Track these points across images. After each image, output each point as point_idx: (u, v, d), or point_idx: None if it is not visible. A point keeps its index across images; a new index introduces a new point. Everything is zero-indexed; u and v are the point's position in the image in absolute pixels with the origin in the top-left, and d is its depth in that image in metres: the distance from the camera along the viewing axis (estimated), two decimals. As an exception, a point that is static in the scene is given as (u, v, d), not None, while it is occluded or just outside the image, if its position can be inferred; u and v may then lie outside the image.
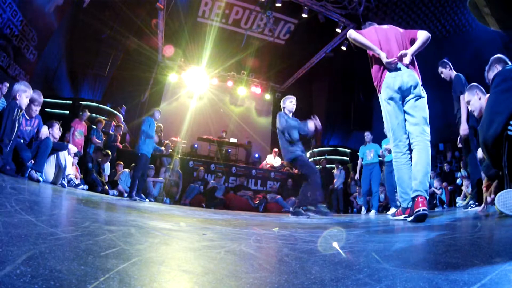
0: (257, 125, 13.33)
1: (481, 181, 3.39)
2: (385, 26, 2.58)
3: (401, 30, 2.53)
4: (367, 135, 6.22)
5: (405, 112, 2.35)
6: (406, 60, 2.30)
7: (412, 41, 2.40)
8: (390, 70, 2.34)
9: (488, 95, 2.19)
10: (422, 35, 2.36)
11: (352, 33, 2.47)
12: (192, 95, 12.08)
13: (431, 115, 2.34)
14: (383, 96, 2.40)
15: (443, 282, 0.58)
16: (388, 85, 2.33)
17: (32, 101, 3.65)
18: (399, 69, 2.31)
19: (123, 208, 2.47)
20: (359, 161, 6.36)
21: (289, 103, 4.29)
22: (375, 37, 2.46)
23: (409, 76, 2.29)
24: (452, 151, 9.76)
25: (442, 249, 0.98)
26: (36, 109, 3.79)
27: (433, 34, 9.96)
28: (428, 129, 2.28)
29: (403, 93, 2.32)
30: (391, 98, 2.34)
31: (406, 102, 2.34)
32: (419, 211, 1.96)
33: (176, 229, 1.39)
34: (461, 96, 3.64)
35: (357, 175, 6.46)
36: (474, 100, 2.74)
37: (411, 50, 2.32)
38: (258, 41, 11.12)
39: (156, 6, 8.04)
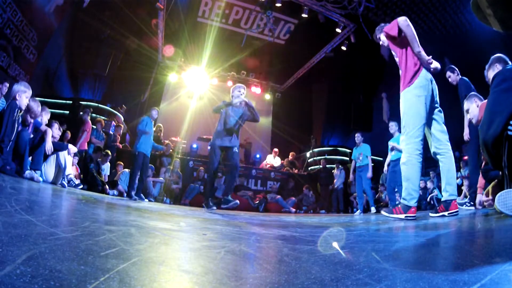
0: (257, 125, 13.29)
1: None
2: None
3: None
4: (358, 137, 6.22)
5: (432, 118, 2.48)
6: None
7: None
8: (428, 71, 2.41)
9: (485, 100, 2.21)
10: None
11: (408, 20, 2.44)
12: (192, 95, 12.08)
13: None
14: (416, 92, 2.39)
15: (443, 282, 0.57)
16: (423, 85, 2.38)
17: (28, 110, 3.61)
18: (429, 73, 2.43)
19: (123, 208, 2.47)
20: (352, 163, 6.37)
21: (237, 92, 4.22)
22: None
23: (435, 85, 2.45)
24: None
25: (442, 249, 0.98)
26: (30, 120, 3.75)
27: (433, 34, 10.01)
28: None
29: (432, 99, 2.43)
30: (423, 97, 2.37)
31: (433, 109, 2.47)
32: (456, 212, 2.38)
33: (176, 229, 1.39)
34: (465, 101, 3.74)
35: (351, 177, 6.48)
36: (472, 108, 2.77)
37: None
38: (258, 41, 11.11)
39: (156, 6, 8.04)
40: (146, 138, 5.34)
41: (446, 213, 2.42)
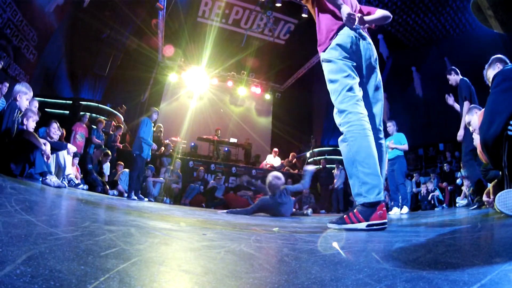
0: (257, 125, 13.34)
1: (480, 181, 3.42)
2: None
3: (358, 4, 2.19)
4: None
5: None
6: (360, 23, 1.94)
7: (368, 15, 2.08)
8: (347, 28, 1.93)
9: (483, 109, 2.21)
10: (380, 12, 2.08)
11: None
12: (192, 95, 12.09)
13: (432, 115, 2.26)
14: (332, 54, 1.94)
15: (443, 282, 0.57)
16: (344, 43, 1.90)
17: (25, 114, 3.56)
18: (358, 31, 1.95)
19: (123, 208, 2.47)
20: None
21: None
22: None
23: (369, 44, 1.98)
24: (452, 151, 9.77)
25: (442, 249, 0.98)
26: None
27: (433, 34, 10.01)
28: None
29: (360, 60, 1.96)
30: (344, 59, 1.92)
31: (366, 72, 2.01)
32: (380, 224, 1.63)
33: (176, 229, 1.39)
34: (465, 102, 3.76)
35: None
36: (473, 120, 2.79)
37: (369, 17, 2.02)
38: (258, 41, 11.12)
39: (156, 6, 8.05)
40: (145, 141, 5.34)
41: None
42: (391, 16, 2.13)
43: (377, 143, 1.90)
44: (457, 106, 4.22)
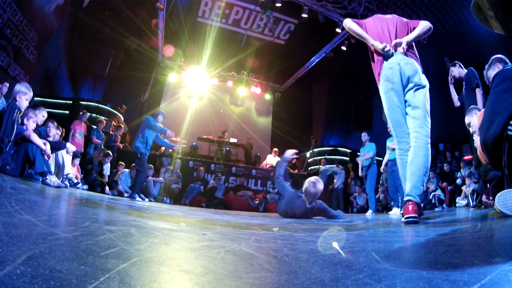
0: (257, 125, 13.34)
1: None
2: (388, 16, 2.44)
3: (405, 20, 2.38)
4: (364, 136, 6.24)
5: (406, 104, 2.17)
6: (401, 48, 2.15)
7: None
8: (386, 60, 2.18)
9: (483, 109, 2.21)
10: (421, 24, 2.25)
11: (347, 22, 2.36)
12: (192, 95, 12.09)
13: (432, 116, 2.21)
14: (381, 89, 2.23)
15: (443, 282, 0.57)
16: (387, 77, 2.16)
17: (25, 115, 3.53)
18: (396, 58, 2.17)
19: (123, 208, 2.47)
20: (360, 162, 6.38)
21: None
22: (373, 27, 2.34)
23: (407, 64, 2.13)
24: (452, 151, 9.76)
25: (442, 249, 0.98)
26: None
27: (433, 34, 9.99)
28: (427, 123, 2.07)
29: (402, 84, 2.14)
30: (389, 91, 2.16)
31: (406, 93, 2.15)
32: (408, 217, 1.85)
33: (176, 229, 1.39)
34: (477, 90, 3.63)
35: (360, 173, 6.48)
36: (473, 121, 2.78)
37: (407, 38, 2.19)
38: (258, 41, 11.12)
39: (156, 6, 8.05)
40: (149, 139, 5.28)
41: (402, 218, 1.93)
42: (432, 27, 2.29)
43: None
44: (455, 99, 4.14)
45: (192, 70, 11.77)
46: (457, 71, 4.04)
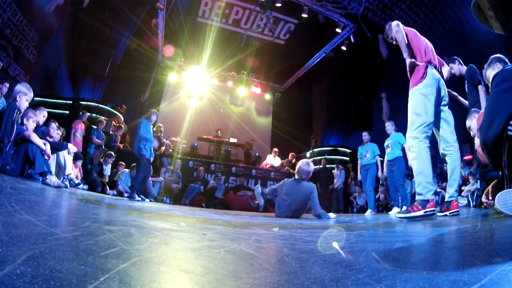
0: (257, 125, 13.34)
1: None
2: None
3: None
4: (365, 136, 6.23)
5: (441, 118, 2.58)
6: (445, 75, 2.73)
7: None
8: (431, 69, 2.51)
9: (482, 111, 2.22)
10: (447, 71, 2.82)
11: (399, 25, 2.57)
12: (192, 95, 12.09)
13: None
14: (425, 91, 2.45)
15: (443, 282, 0.57)
16: (431, 84, 2.46)
17: (25, 115, 3.51)
18: (437, 74, 2.54)
19: (123, 208, 2.47)
20: (358, 162, 6.37)
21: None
22: (420, 40, 2.64)
23: (442, 84, 2.58)
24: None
25: (442, 249, 0.98)
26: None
27: (433, 34, 10.01)
28: None
29: (440, 98, 2.56)
30: (431, 95, 2.44)
31: (440, 106, 2.57)
32: (457, 211, 2.51)
33: (176, 229, 1.39)
34: (479, 86, 3.59)
35: (359, 176, 6.47)
36: (473, 124, 2.78)
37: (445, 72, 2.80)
38: (258, 41, 11.12)
39: (156, 6, 8.05)
40: (147, 141, 5.31)
41: (447, 213, 2.53)
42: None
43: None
44: (455, 95, 4.10)
45: (192, 70, 11.77)
46: (457, 68, 3.97)
